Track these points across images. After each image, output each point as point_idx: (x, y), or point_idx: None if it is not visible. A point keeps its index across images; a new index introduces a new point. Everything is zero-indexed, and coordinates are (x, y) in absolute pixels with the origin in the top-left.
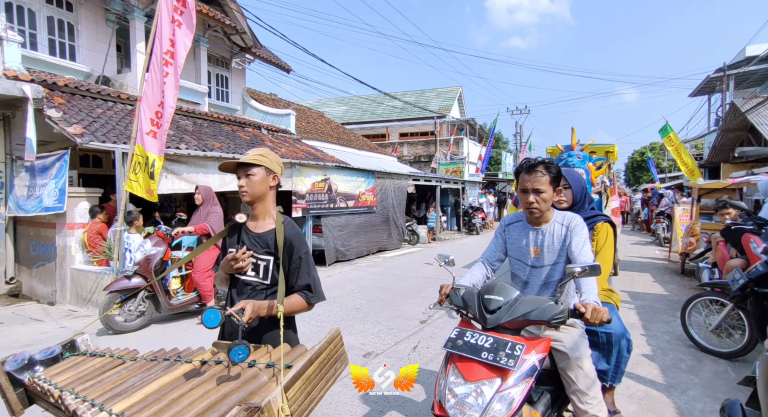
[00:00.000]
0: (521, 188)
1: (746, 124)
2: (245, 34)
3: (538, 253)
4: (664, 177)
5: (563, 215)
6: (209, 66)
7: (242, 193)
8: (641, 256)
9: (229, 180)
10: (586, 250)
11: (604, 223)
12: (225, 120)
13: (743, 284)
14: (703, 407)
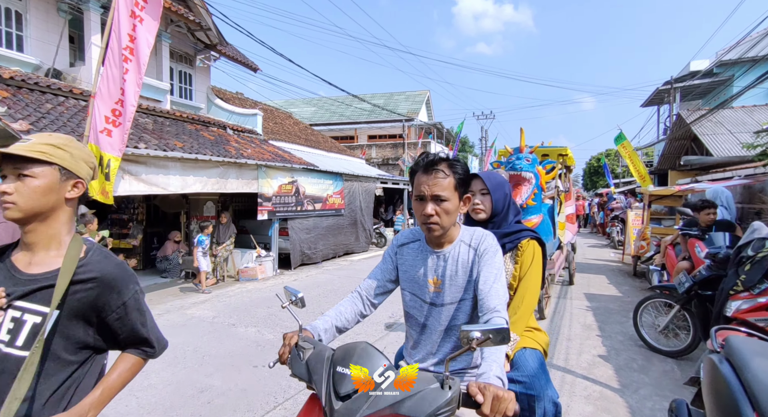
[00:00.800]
0: (416, 194)
1: (691, 134)
2: (210, 30)
3: (439, 285)
4: (619, 182)
5: (471, 233)
6: (172, 62)
7: (5, 205)
8: (597, 259)
9: (191, 181)
10: (499, 287)
11: (530, 241)
12: (188, 119)
13: (688, 287)
14: (653, 405)
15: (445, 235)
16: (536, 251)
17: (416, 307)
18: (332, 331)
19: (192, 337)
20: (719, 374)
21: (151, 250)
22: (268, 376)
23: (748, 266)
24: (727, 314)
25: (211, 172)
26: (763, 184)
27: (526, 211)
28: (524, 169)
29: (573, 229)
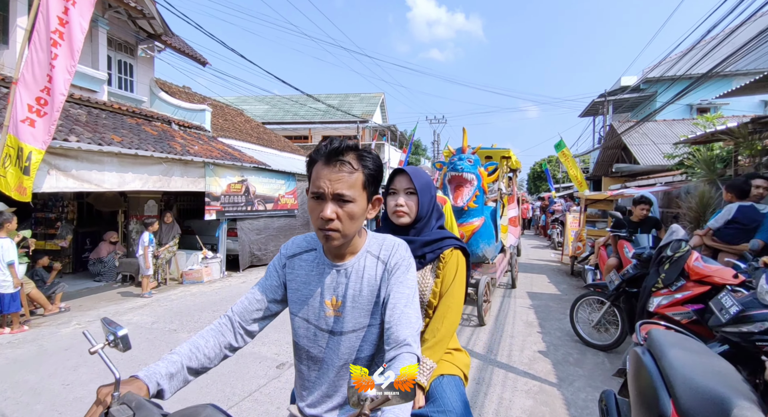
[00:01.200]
0: (313, 191)
1: (621, 143)
2: (154, 19)
3: (339, 308)
4: (559, 187)
5: (380, 243)
6: (110, 51)
7: None
8: (539, 259)
9: (130, 178)
10: (411, 312)
11: (454, 251)
12: (128, 112)
13: (617, 285)
14: (585, 396)
15: (347, 244)
16: (460, 263)
17: (309, 337)
18: (182, 376)
19: None
20: (642, 365)
21: (83, 252)
22: (211, 383)
23: (668, 265)
24: (650, 309)
25: (153, 169)
26: (680, 190)
27: (468, 214)
28: (466, 170)
29: (516, 233)
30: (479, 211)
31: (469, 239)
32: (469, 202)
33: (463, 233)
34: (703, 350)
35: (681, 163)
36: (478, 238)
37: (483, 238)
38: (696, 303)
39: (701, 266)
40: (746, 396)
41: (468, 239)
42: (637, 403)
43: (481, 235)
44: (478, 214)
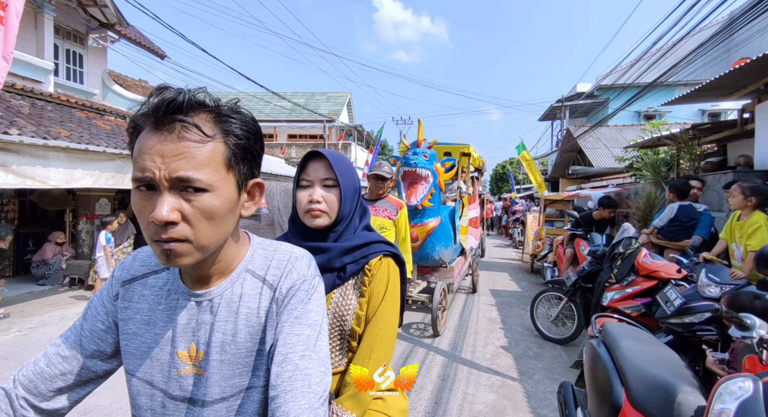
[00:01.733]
0: (137, 178)
1: (577, 147)
2: (106, 7)
3: (200, 362)
4: (520, 188)
5: (269, 256)
6: (57, 39)
7: None
8: (501, 257)
9: (79, 175)
10: (312, 368)
11: (383, 259)
12: (78, 104)
13: (574, 281)
14: (545, 388)
15: (209, 261)
16: (392, 275)
17: (155, 409)
18: None
19: None
20: (597, 356)
21: (26, 254)
22: None
23: (619, 261)
24: (603, 304)
25: (105, 165)
26: (630, 191)
27: (423, 214)
28: (420, 166)
29: (477, 235)
30: (435, 211)
31: (424, 241)
32: (424, 201)
33: (417, 235)
34: (651, 340)
35: (630, 165)
36: (434, 240)
37: (440, 240)
38: (645, 297)
39: (649, 262)
40: (689, 381)
41: (423, 241)
42: (593, 393)
43: (438, 237)
44: (433, 213)
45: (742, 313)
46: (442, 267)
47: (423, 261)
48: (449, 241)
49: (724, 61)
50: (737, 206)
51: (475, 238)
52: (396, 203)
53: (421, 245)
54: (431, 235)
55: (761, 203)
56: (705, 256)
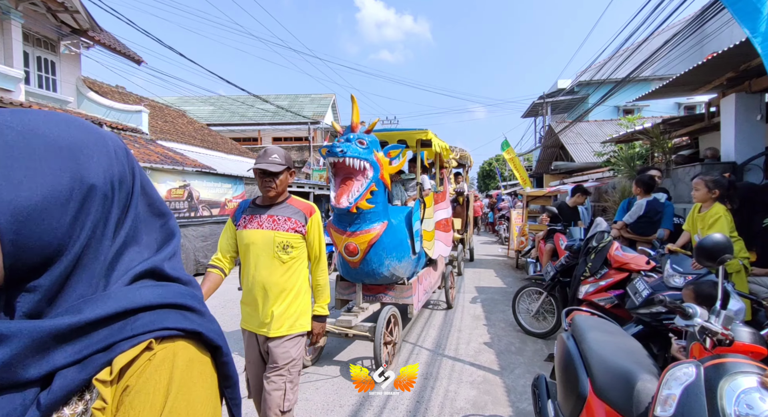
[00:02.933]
0: None
1: (559, 142)
2: (78, 13)
3: None
4: (506, 184)
5: None
6: (27, 46)
7: None
8: (487, 254)
9: None
10: None
11: (162, 345)
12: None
13: (553, 275)
14: (525, 382)
15: None
16: (181, 388)
17: None
18: None
19: None
20: (566, 348)
21: None
22: None
23: (593, 255)
24: (579, 297)
25: None
26: (608, 185)
27: (361, 219)
28: (351, 155)
29: (448, 239)
30: (379, 214)
31: (366, 254)
32: (361, 202)
33: (356, 246)
34: (617, 331)
35: (608, 160)
36: (379, 251)
37: (388, 250)
38: (617, 289)
39: (620, 255)
40: (649, 370)
41: (364, 254)
42: (562, 384)
43: (386, 247)
44: (377, 218)
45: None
46: (397, 284)
47: (369, 279)
48: (404, 252)
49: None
50: (701, 199)
51: (446, 244)
52: (303, 208)
53: (362, 260)
54: (375, 245)
55: (722, 195)
56: (670, 247)
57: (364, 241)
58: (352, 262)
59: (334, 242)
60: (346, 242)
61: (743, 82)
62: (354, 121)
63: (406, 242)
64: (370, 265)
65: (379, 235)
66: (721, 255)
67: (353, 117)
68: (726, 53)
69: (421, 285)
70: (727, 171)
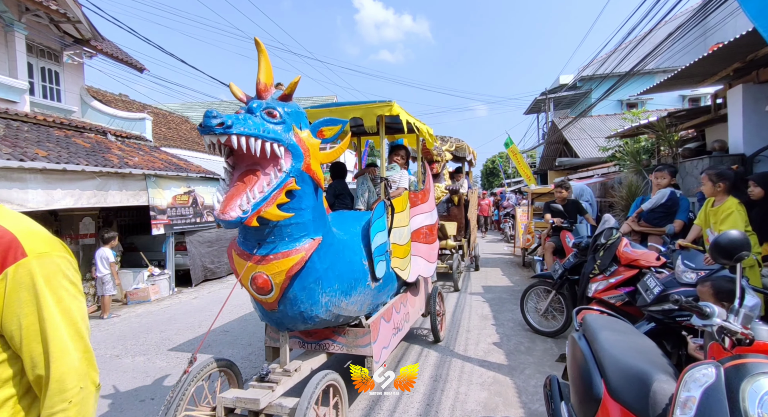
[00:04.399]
0: None
1: (563, 138)
2: (80, 23)
3: None
4: (510, 182)
5: None
6: (31, 57)
7: None
8: (494, 253)
9: (59, 196)
10: None
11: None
12: (55, 123)
13: (561, 273)
14: (535, 383)
15: None
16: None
17: None
18: None
19: None
20: (578, 349)
21: None
22: (158, 409)
23: (602, 252)
24: (589, 295)
25: (85, 184)
26: (613, 181)
27: (278, 235)
28: (240, 131)
29: (432, 253)
30: (306, 227)
31: (286, 291)
32: (267, 208)
33: (267, 278)
34: (629, 330)
35: (613, 155)
36: (309, 284)
37: (326, 282)
38: (628, 286)
39: (630, 251)
40: (664, 369)
41: (282, 291)
42: (574, 385)
43: (320, 278)
44: (302, 232)
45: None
46: (349, 327)
47: (298, 325)
48: (355, 280)
49: (701, 45)
50: (709, 193)
51: (429, 260)
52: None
53: (280, 299)
54: (301, 275)
55: (731, 187)
56: (680, 243)
57: (279, 270)
58: (265, 303)
59: (235, 272)
60: (254, 273)
61: (750, 72)
62: (261, 81)
63: (360, 265)
64: (295, 305)
65: (306, 259)
66: (739, 252)
67: (260, 74)
68: (733, 44)
69: (389, 323)
70: (735, 163)
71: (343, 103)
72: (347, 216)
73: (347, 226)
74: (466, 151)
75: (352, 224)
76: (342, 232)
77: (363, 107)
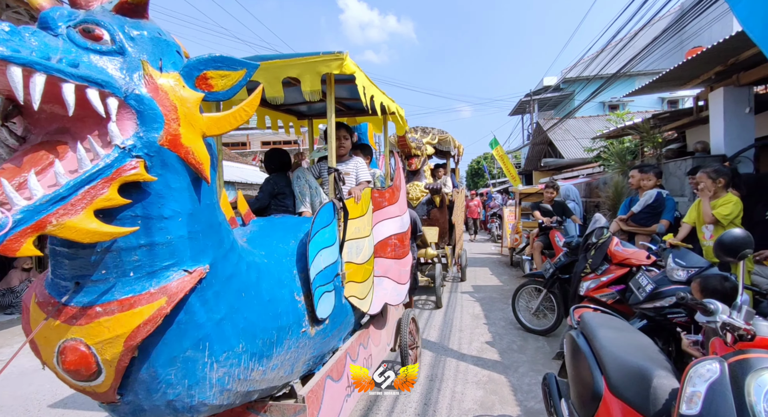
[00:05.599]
0: None
1: (547, 139)
2: None
3: None
4: (495, 182)
5: None
6: None
7: None
8: (481, 252)
9: None
10: None
11: None
12: None
13: (552, 272)
14: (530, 380)
15: None
16: None
17: None
18: None
19: (52, 384)
20: (577, 347)
21: None
22: None
23: (593, 251)
24: (581, 293)
25: None
26: (598, 181)
27: (113, 268)
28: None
29: (403, 271)
30: (174, 250)
31: (125, 378)
32: (68, 218)
33: (88, 352)
34: (626, 327)
35: (598, 156)
36: (175, 357)
37: (216, 346)
38: (619, 284)
39: (621, 250)
40: (663, 365)
41: (116, 381)
42: (574, 383)
43: (202, 340)
44: (165, 260)
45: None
46: (273, 399)
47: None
48: (284, 330)
49: (679, 52)
50: (709, 189)
51: (399, 281)
52: None
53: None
54: (164, 340)
55: (729, 182)
56: (670, 241)
57: (112, 336)
58: (91, 394)
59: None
60: (62, 341)
61: (731, 75)
62: None
63: (289, 304)
64: (155, 392)
65: (168, 310)
66: (742, 250)
67: None
68: (714, 48)
69: (339, 381)
70: (720, 162)
71: (270, 55)
72: (277, 225)
73: (274, 241)
74: (450, 144)
75: (282, 238)
76: (263, 251)
77: (301, 62)
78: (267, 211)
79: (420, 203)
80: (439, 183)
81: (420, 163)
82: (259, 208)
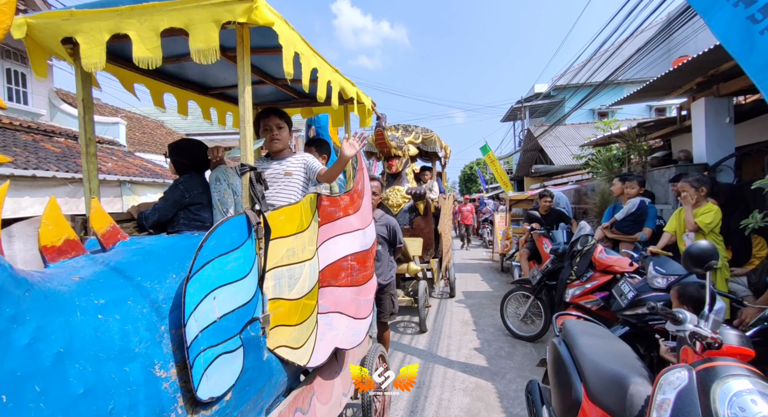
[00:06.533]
0: None
1: (538, 146)
2: None
3: None
4: (488, 188)
5: None
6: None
7: None
8: (473, 258)
9: (27, 204)
10: None
11: None
12: (23, 127)
13: (539, 279)
14: (516, 387)
15: None
16: None
17: None
18: None
19: None
20: (558, 354)
21: None
22: None
23: (578, 258)
24: (566, 300)
25: (56, 191)
26: (587, 188)
27: None
28: None
29: (363, 302)
30: None
31: None
32: None
33: None
34: (606, 335)
35: (587, 163)
36: None
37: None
38: (603, 291)
39: (604, 257)
40: (640, 373)
41: None
42: (556, 390)
43: None
44: None
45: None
46: None
47: None
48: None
49: (666, 60)
50: (693, 197)
51: (357, 316)
52: None
53: None
54: None
55: (710, 191)
56: (652, 249)
57: None
58: None
59: None
60: None
61: (712, 86)
62: None
63: (136, 391)
64: None
65: None
66: (708, 261)
67: None
68: (696, 60)
69: None
70: (700, 172)
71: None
72: (156, 252)
73: (136, 279)
74: (436, 144)
75: (156, 274)
76: (103, 298)
77: (187, 4)
78: (173, 226)
79: (401, 211)
80: (424, 187)
81: (401, 165)
82: (157, 222)
